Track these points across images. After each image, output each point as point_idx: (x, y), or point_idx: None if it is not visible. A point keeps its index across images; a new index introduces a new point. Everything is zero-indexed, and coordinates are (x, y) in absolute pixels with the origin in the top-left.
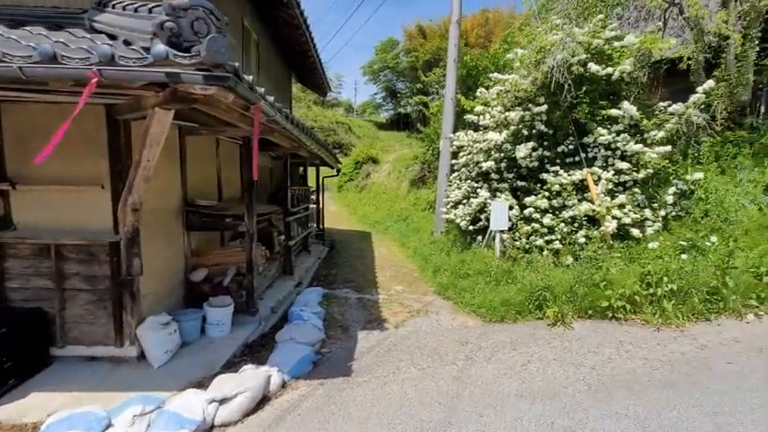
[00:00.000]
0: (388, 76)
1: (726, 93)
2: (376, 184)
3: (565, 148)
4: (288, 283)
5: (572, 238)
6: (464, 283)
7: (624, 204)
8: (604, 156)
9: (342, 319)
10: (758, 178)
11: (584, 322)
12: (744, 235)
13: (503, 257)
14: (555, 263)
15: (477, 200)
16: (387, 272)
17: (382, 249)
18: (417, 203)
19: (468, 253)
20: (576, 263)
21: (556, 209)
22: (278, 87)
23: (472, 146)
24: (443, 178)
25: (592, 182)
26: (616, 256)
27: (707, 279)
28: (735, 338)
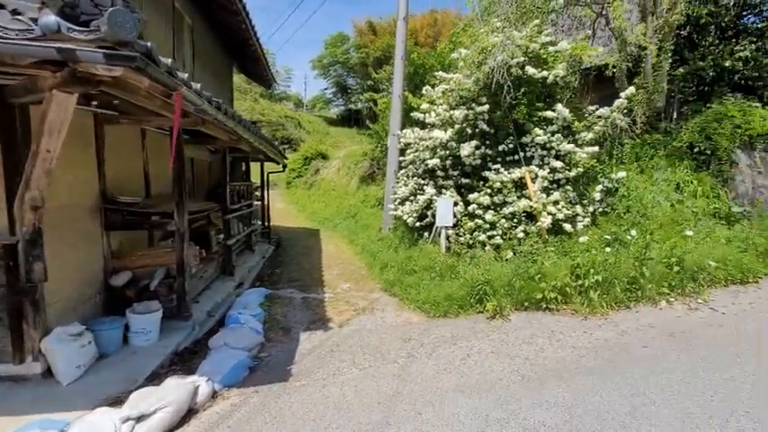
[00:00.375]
0: (339, 71)
1: (644, 99)
2: (325, 181)
3: (505, 147)
4: (227, 285)
5: (512, 233)
6: (410, 280)
7: (558, 201)
8: (541, 155)
9: (284, 321)
10: (671, 177)
11: (520, 314)
12: (658, 228)
13: (448, 253)
14: (496, 257)
15: (424, 197)
16: (334, 270)
17: (330, 247)
18: (367, 200)
19: (415, 249)
20: (514, 257)
21: (497, 205)
22: (217, 77)
23: (419, 143)
24: (391, 175)
25: (530, 180)
26: (550, 251)
27: (627, 270)
28: (650, 324)
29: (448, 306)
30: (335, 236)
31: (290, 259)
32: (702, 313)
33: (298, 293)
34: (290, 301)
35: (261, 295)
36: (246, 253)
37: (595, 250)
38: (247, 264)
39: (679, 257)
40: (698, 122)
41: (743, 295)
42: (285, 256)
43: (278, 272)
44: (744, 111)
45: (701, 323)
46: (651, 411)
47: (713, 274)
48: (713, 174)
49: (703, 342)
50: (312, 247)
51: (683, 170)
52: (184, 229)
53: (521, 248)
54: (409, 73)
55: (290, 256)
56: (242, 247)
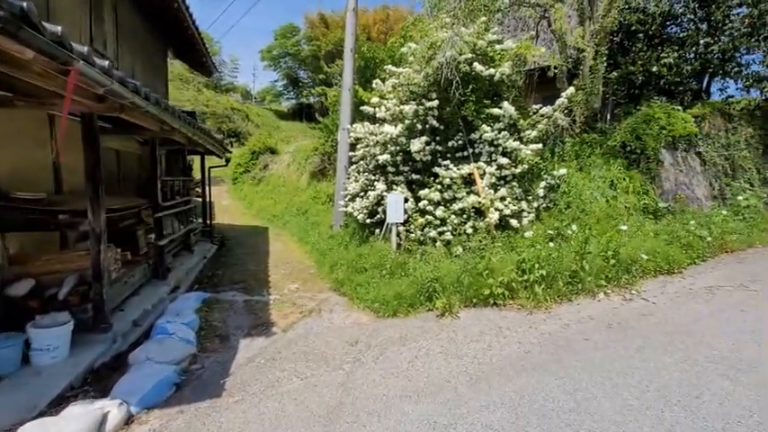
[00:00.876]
0: (289, 63)
1: (583, 100)
2: (274, 176)
3: (455, 143)
4: (160, 290)
5: (461, 229)
6: (360, 278)
7: (505, 197)
8: (489, 152)
9: (222, 327)
10: (606, 175)
11: (469, 311)
12: (596, 223)
13: (399, 250)
14: (447, 253)
15: (375, 192)
16: (281, 269)
17: (279, 245)
18: (317, 196)
19: (366, 246)
20: (464, 253)
21: (447, 201)
22: (147, 62)
23: (369, 138)
24: (342, 170)
25: (478, 176)
26: (498, 246)
27: (569, 264)
28: (590, 316)
29: (398, 305)
30: (285, 234)
31: (235, 260)
32: (636, 304)
33: (240, 296)
34: (231, 306)
35: (198, 300)
36: (185, 254)
37: (539, 245)
38: (185, 265)
39: (614, 251)
40: (629, 123)
41: (670, 285)
42: (229, 257)
43: (219, 273)
44: (668, 113)
45: (635, 313)
46: (593, 406)
47: (644, 266)
48: (642, 171)
49: (638, 332)
50: (259, 247)
51: (616, 168)
52: (101, 229)
53: (470, 244)
54: (360, 66)
55: (235, 257)
56: (179, 248)
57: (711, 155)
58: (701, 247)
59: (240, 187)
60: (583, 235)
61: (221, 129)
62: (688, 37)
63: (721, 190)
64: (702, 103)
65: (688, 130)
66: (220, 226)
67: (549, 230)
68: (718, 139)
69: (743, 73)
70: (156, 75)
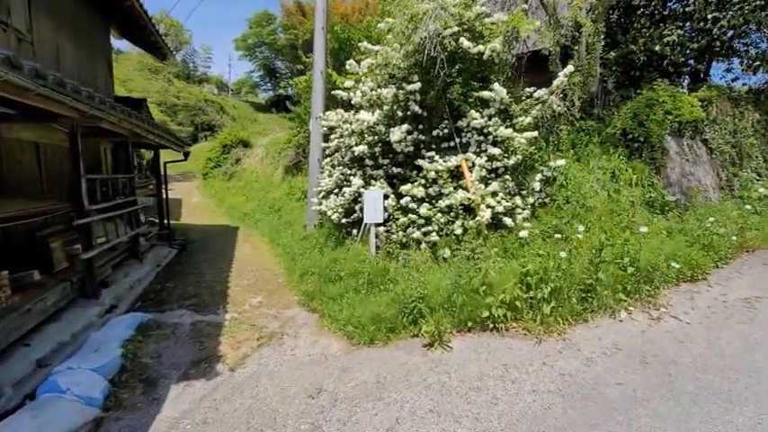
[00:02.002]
0: (266, 53)
1: (580, 82)
2: (247, 171)
3: (440, 132)
4: (89, 312)
5: (449, 228)
6: (334, 290)
7: (497, 192)
8: (478, 141)
9: (153, 366)
10: (606, 165)
11: (463, 338)
12: (597, 220)
13: (379, 254)
14: (432, 257)
15: (351, 189)
16: (245, 278)
17: (247, 248)
18: (292, 192)
19: (342, 250)
20: (452, 256)
21: (433, 198)
22: (81, 40)
23: (343, 127)
24: (315, 164)
25: (467, 168)
26: (493, 251)
27: (581, 275)
28: (616, 345)
29: (375, 329)
30: (255, 234)
31: (193, 267)
32: (667, 324)
33: (189, 317)
34: (175, 331)
35: (132, 325)
36: (132, 263)
37: (544, 251)
38: (132, 277)
39: (632, 257)
40: (630, 108)
41: (698, 296)
42: (187, 264)
43: (171, 285)
44: (674, 96)
45: (670, 340)
46: None
47: (665, 273)
48: (646, 161)
49: (683, 370)
50: (224, 250)
51: (617, 158)
52: None
53: (459, 247)
54: (333, 49)
55: (194, 264)
56: (123, 257)
57: (719, 142)
58: (723, 247)
59: (211, 183)
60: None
61: (194, 122)
62: (694, 11)
63: (729, 180)
64: (708, 85)
65: (695, 115)
66: (186, 227)
67: (546, 229)
68: (725, 125)
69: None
70: (95, 56)
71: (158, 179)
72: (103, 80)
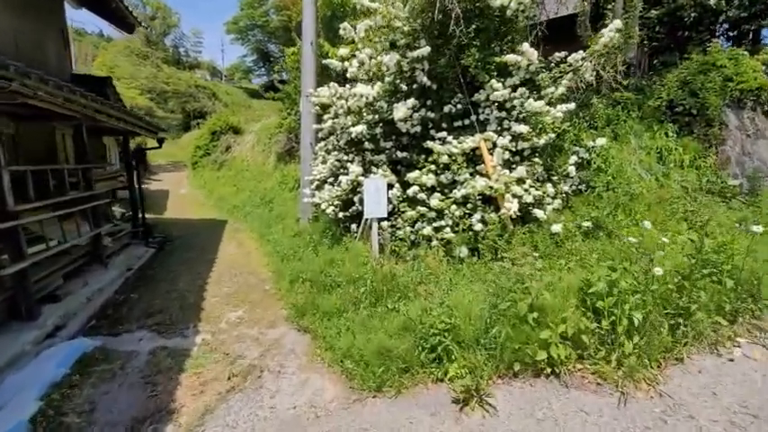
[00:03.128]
0: (258, 35)
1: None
2: (237, 160)
3: (452, 108)
4: (18, 341)
5: (465, 223)
6: (329, 302)
7: (524, 178)
8: (499, 117)
9: (77, 427)
10: (649, 144)
11: (510, 389)
12: (647, 210)
13: (383, 254)
14: (447, 255)
15: (348, 177)
16: (226, 286)
17: (232, 247)
18: (284, 182)
19: (340, 249)
20: (471, 258)
21: (445, 186)
22: (21, 6)
23: (337, 104)
24: (307, 149)
25: (486, 150)
26: (535, 258)
27: (668, 292)
28: (743, 404)
29: (384, 371)
30: (244, 229)
31: (168, 272)
32: None
33: (149, 341)
34: (126, 364)
35: (70, 358)
36: (94, 269)
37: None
38: (91, 287)
39: (734, 265)
40: (678, 76)
41: None
42: (162, 267)
43: (136, 297)
44: (736, 60)
45: None
46: None
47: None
48: (699, 138)
49: None
50: (207, 249)
51: (662, 135)
52: None
53: (480, 245)
54: (326, 16)
55: (170, 267)
56: (82, 262)
57: None
58: None
59: (201, 173)
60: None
61: (185, 109)
62: None
63: None
64: None
65: (760, 82)
66: (169, 222)
67: (584, 222)
68: None
69: None
70: (42, 26)
71: (129, 170)
72: (55, 54)
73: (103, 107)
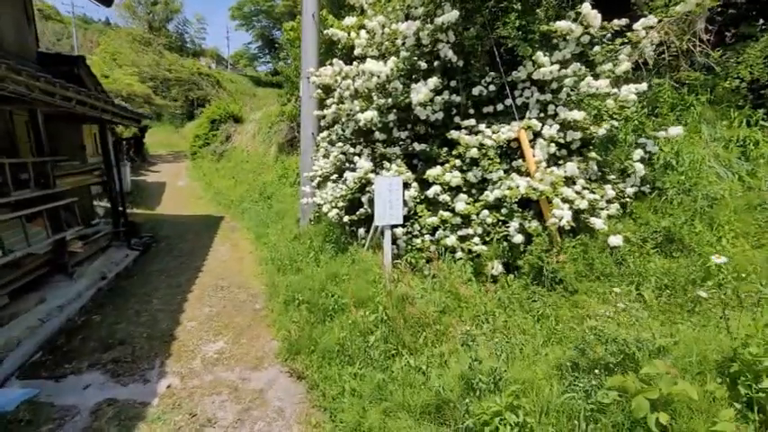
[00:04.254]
0: (263, 21)
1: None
2: (238, 150)
3: (483, 90)
4: None
5: (499, 231)
6: (331, 338)
7: (575, 177)
8: (541, 101)
9: None
10: (726, 135)
11: None
12: (734, 218)
13: (397, 267)
14: (475, 271)
15: (355, 174)
16: (208, 304)
17: (224, 250)
18: (285, 175)
19: (345, 259)
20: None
21: (473, 186)
22: None
23: (342, 85)
24: (308, 140)
25: (527, 142)
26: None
27: None
28: None
29: None
30: (240, 228)
31: (144, 283)
32: None
33: (97, 391)
34: (55, 431)
35: None
36: (56, 281)
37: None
38: (47, 305)
39: None
40: (764, 50)
41: None
42: (140, 277)
43: (98, 320)
44: None
45: None
46: None
47: None
48: None
49: None
50: (197, 252)
51: (744, 123)
52: None
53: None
54: None
55: (149, 276)
56: (39, 274)
57: None
58: None
59: (200, 164)
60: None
61: (188, 97)
62: None
63: None
64: None
65: None
66: (160, 218)
67: (652, 234)
68: None
69: None
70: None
71: (107, 162)
72: (13, 30)
73: (57, 89)
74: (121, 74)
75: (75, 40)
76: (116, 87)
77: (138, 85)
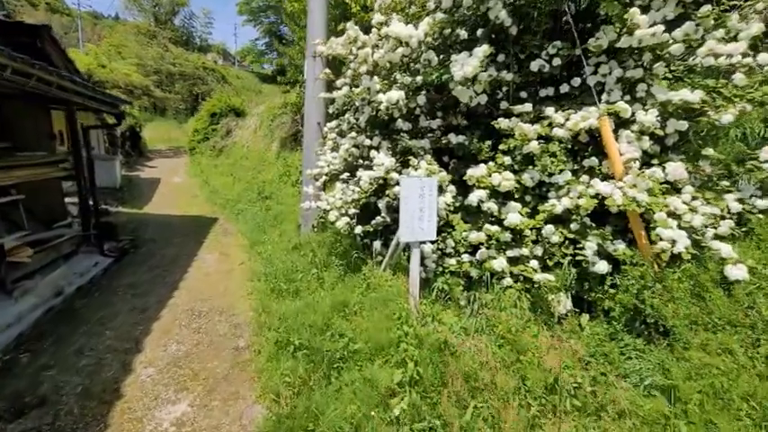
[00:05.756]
0: (271, 17)
1: None
2: (238, 145)
3: (545, 65)
4: None
5: (565, 254)
6: (338, 408)
7: (679, 184)
8: (628, 80)
9: None
10: None
11: None
12: None
13: (426, 297)
14: (533, 305)
15: (371, 173)
16: (178, 338)
17: (212, 259)
18: (287, 173)
19: (357, 281)
20: (590, 323)
21: (530, 191)
22: None
23: (358, 58)
24: (312, 130)
25: (610, 133)
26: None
27: None
28: None
29: None
30: (234, 232)
31: (105, 302)
32: None
33: None
34: None
35: None
36: None
37: None
38: None
39: None
40: None
41: None
42: (104, 293)
43: (24, 361)
44: None
45: None
46: None
47: None
48: None
49: None
50: (179, 260)
51: None
52: None
53: (602, 294)
54: None
55: (114, 292)
56: None
57: None
58: None
59: (198, 159)
60: None
61: (192, 91)
62: None
63: None
64: None
65: None
66: (146, 218)
67: None
68: None
69: None
70: None
71: (76, 153)
72: None
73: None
74: (120, 64)
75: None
76: (113, 77)
77: (136, 76)
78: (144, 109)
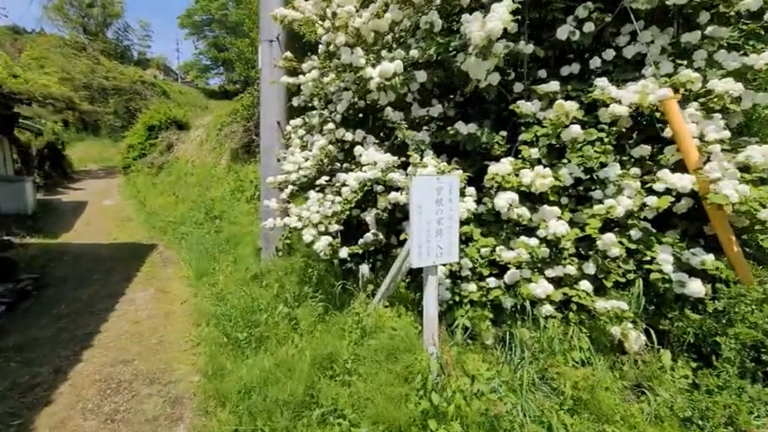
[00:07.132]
0: (216, 31)
1: None
2: (181, 161)
3: (574, 32)
4: None
5: (622, 272)
6: None
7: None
8: (684, 46)
9: None
10: None
11: None
12: None
13: (446, 339)
14: (595, 345)
15: (358, 175)
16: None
17: (144, 299)
18: (240, 188)
19: (345, 319)
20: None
21: (570, 189)
22: None
23: (334, 21)
24: (270, 131)
25: (678, 112)
26: None
27: None
28: None
29: None
30: (175, 261)
31: None
32: None
33: None
34: None
35: None
36: None
37: None
38: None
39: None
40: None
41: None
42: None
43: None
44: None
45: None
46: None
47: None
48: None
49: None
50: (95, 306)
51: None
52: None
53: (725, 341)
54: None
55: None
56: None
57: None
58: None
59: (134, 179)
60: None
61: (129, 108)
62: None
63: None
64: None
65: None
66: (63, 248)
67: None
68: None
69: None
70: None
71: None
72: None
73: None
74: (37, 75)
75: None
76: (27, 88)
77: (56, 87)
78: (73, 127)
